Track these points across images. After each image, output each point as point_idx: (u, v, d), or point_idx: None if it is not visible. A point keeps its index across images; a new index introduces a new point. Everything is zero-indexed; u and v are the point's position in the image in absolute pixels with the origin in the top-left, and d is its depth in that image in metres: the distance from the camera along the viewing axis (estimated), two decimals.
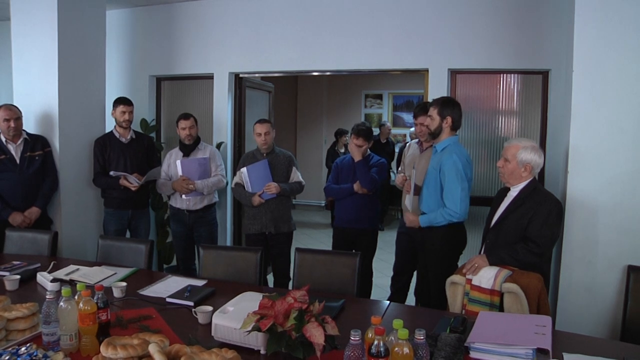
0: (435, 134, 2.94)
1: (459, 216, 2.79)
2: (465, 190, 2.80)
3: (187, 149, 3.87)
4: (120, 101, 3.88)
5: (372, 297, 3.79)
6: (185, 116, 3.86)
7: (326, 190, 3.78)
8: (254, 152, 3.74)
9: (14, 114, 3.47)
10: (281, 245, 3.67)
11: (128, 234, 4.01)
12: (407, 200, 3.35)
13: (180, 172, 3.75)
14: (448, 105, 2.91)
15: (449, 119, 2.88)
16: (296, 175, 3.71)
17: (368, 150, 3.67)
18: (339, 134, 7.54)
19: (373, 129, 3.80)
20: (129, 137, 3.91)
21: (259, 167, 3.60)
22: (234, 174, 4.54)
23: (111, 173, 3.73)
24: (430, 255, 2.95)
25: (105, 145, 3.85)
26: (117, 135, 3.88)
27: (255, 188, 3.59)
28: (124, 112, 3.83)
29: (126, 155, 3.85)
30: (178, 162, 3.77)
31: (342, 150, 7.33)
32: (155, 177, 3.85)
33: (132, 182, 3.70)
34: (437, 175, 2.86)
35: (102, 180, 3.82)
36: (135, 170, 3.82)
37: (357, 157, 3.55)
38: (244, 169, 3.62)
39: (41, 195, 3.59)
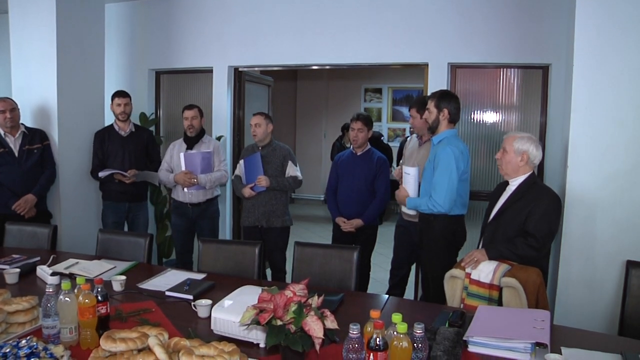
0: (433, 128, 2.93)
1: (441, 208, 2.76)
2: (453, 182, 2.75)
3: (191, 142, 3.82)
4: (115, 94, 3.90)
5: (370, 291, 3.79)
6: (190, 106, 3.83)
7: (326, 198, 3.82)
8: (253, 145, 3.74)
9: (9, 105, 3.47)
10: (275, 240, 3.66)
11: (126, 227, 4.02)
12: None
13: (183, 166, 3.72)
14: (445, 97, 2.89)
15: (445, 111, 2.86)
16: (292, 170, 3.65)
17: (368, 144, 3.67)
18: (346, 128, 7.51)
19: None
20: (128, 130, 3.91)
21: (252, 159, 3.62)
22: (233, 167, 4.55)
23: (100, 174, 3.75)
24: (428, 249, 2.95)
25: (104, 138, 3.86)
26: (116, 128, 3.89)
27: (249, 180, 3.62)
28: (119, 105, 3.85)
29: (125, 148, 3.86)
30: (182, 155, 3.73)
31: (348, 145, 7.32)
32: (149, 180, 3.91)
33: (126, 174, 3.74)
34: (431, 167, 2.87)
35: (98, 174, 3.82)
36: (133, 163, 3.83)
37: (358, 150, 3.63)
38: (241, 161, 3.69)
39: (38, 184, 3.58)
